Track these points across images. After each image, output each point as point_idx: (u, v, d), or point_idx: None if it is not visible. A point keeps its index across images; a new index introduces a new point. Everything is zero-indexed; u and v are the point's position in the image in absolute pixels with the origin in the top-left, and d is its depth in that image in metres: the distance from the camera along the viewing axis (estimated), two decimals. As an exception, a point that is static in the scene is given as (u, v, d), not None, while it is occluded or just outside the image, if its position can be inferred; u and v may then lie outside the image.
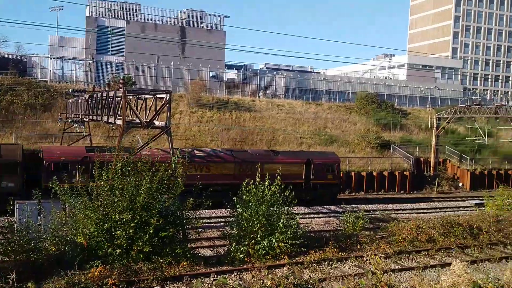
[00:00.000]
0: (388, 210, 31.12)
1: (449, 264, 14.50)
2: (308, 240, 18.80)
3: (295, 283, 4.54)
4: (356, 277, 13.21)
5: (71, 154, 26.51)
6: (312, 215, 28.67)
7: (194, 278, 14.42)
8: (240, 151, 32.02)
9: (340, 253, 17.74)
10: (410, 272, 16.27)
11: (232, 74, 63.81)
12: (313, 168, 31.99)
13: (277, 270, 15.42)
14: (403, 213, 30.66)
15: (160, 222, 14.72)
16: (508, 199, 26.85)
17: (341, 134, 49.34)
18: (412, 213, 31.02)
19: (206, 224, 23.60)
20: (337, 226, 23.87)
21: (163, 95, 20.09)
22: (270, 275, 4.77)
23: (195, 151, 29.12)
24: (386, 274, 15.91)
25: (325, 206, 31.20)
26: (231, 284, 10.22)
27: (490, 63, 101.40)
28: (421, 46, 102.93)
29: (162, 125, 19.69)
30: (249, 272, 14.71)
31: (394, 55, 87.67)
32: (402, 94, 67.70)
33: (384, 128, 52.52)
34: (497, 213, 25.04)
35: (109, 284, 12.62)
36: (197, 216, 17.19)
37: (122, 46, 56.35)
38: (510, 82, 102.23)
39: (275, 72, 63.64)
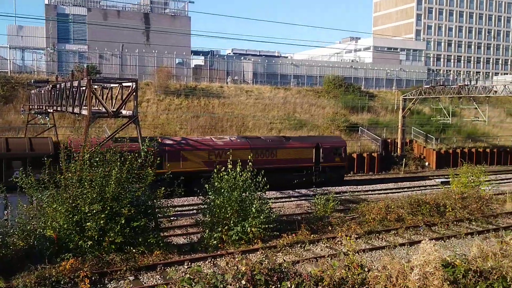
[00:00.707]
0: (358, 191, 31.62)
1: (418, 242, 14.96)
2: (281, 224, 19.00)
3: (269, 267, 4.59)
4: (328, 258, 13.41)
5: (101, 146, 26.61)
6: (284, 199, 28.89)
7: (168, 266, 14.38)
8: (254, 138, 32.97)
9: (312, 236, 18.03)
10: (381, 252, 16.69)
11: (199, 61, 63.14)
12: (322, 152, 33.03)
13: (251, 255, 15.58)
14: (372, 194, 31.24)
15: (132, 212, 14.58)
16: (472, 176, 27.73)
17: (310, 118, 49.71)
18: (381, 193, 31.66)
19: (179, 212, 23.49)
20: (308, 209, 24.14)
21: (129, 84, 19.68)
22: (244, 261, 4.79)
23: (214, 140, 30.52)
24: (358, 254, 16.29)
25: (296, 190, 31.47)
26: (205, 271, 10.21)
27: (453, 44, 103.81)
28: (386, 28, 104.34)
29: (130, 114, 19.34)
30: (223, 258, 14.81)
31: (359, 38, 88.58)
32: (368, 76, 68.60)
33: (352, 111, 53.17)
34: (462, 191, 25.87)
35: (81, 277, 12.44)
36: (169, 205, 17.12)
37: (84, 34, 54.73)
38: (472, 62, 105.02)
39: (242, 58, 63.34)
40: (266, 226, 16.90)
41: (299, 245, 17.10)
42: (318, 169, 32.97)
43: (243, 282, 4.18)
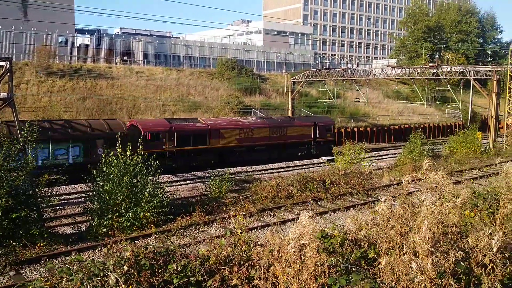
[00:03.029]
0: (252, 171, 32.44)
1: (306, 216, 15.83)
2: (176, 207, 18.85)
3: (155, 251, 4.53)
4: (219, 238, 13.63)
5: (160, 126, 31.33)
6: (179, 182, 28.63)
7: (54, 258, 13.56)
8: (269, 118, 39.32)
9: (207, 217, 18.15)
10: (273, 228, 17.36)
11: (84, 39, 59.40)
12: (318, 129, 39.62)
13: (144, 240, 15.26)
14: (265, 173, 32.24)
15: (10, 203, 13.44)
16: (354, 153, 29.89)
17: (204, 100, 49.58)
18: (273, 172, 32.81)
19: (66, 201, 22.16)
20: (203, 191, 24.24)
21: (3, 63, 17.92)
22: (128, 246, 4.68)
23: (242, 120, 36.22)
24: (250, 231, 16.79)
25: (192, 173, 31.39)
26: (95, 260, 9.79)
27: (337, 29, 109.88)
28: (276, 12, 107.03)
29: (4, 97, 17.66)
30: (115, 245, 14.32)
31: (251, 21, 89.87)
32: (260, 59, 70.05)
33: (245, 93, 54.06)
34: (345, 167, 27.81)
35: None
36: (53, 194, 16.07)
37: None
38: (354, 47, 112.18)
39: (132, 37, 60.87)
40: (160, 210, 16.64)
41: (193, 227, 17.13)
42: (315, 143, 39.31)
43: (125, 268, 4.08)
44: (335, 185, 23.89)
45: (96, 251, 14.31)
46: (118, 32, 64.32)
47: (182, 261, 4.52)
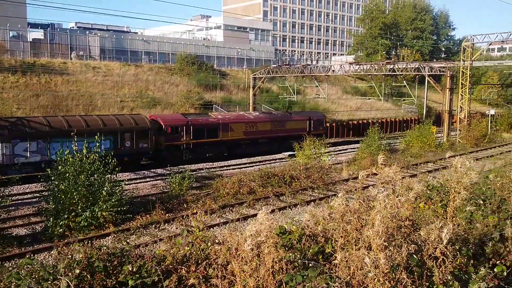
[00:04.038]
0: (213, 168, 32.28)
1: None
2: (135, 206, 18.53)
3: (109, 252, 4.42)
4: (176, 237, 13.52)
5: (178, 120, 33.89)
6: (138, 180, 28.14)
7: (7, 261, 13.05)
8: (270, 113, 43.23)
9: (167, 215, 17.94)
10: (235, 224, 17.34)
11: (38, 34, 57.24)
12: (312, 123, 43.27)
13: (102, 240, 14.92)
14: (227, 169, 32.16)
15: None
16: (314, 148, 30.26)
17: (164, 96, 48.88)
18: (235, 168, 32.78)
19: (20, 201, 21.34)
20: (164, 189, 23.91)
21: None
22: (81, 248, 4.53)
23: (247, 115, 39.90)
24: (212, 228, 16.71)
25: (152, 170, 30.91)
26: (49, 263, 9.49)
27: (296, 26, 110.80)
28: (235, 8, 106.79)
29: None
30: (71, 246, 13.92)
31: (210, 17, 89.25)
32: (220, 55, 69.69)
33: (205, 89, 53.67)
34: (306, 162, 28.11)
35: None
36: (5, 194, 15.45)
37: None
38: (313, 43, 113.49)
39: (88, 32, 59.19)
40: (118, 209, 16.31)
41: (153, 226, 16.89)
42: (310, 136, 41.37)
43: (77, 271, 3.95)
44: (296, 180, 24.11)
45: (52, 252, 13.87)
46: (73, 27, 62.44)
47: (138, 261, 4.42)
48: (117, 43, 60.02)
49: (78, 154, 16.09)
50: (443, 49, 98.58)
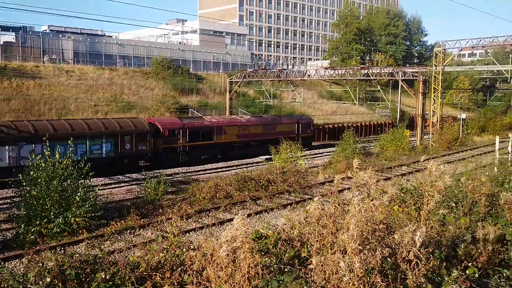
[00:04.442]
0: (190, 172, 32.04)
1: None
2: (109, 211, 18.23)
3: (82, 259, 4.32)
4: (151, 243, 13.35)
5: (175, 123, 34.66)
6: (113, 185, 27.68)
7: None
8: (261, 117, 43.96)
9: (142, 220, 17.70)
10: (211, 229, 17.21)
11: (9, 37, 55.96)
12: (300, 126, 44.77)
13: (75, 246, 14.62)
14: (203, 174, 31.95)
15: None
16: (291, 152, 30.37)
17: (139, 100, 48.38)
18: (212, 172, 32.59)
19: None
20: (139, 194, 23.60)
21: None
22: (52, 256, 4.43)
23: (239, 118, 41.23)
24: (188, 233, 16.56)
25: (127, 175, 30.49)
26: (20, 271, 9.25)
27: (272, 30, 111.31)
28: (211, 12, 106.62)
29: None
30: (43, 254, 13.59)
31: (186, 21, 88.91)
32: (196, 59, 69.44)
33: (181, 93, 53.35)
34: (283, 165, 28.19)
35: None
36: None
37: None
38: (289, 48, 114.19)
39: (61, 35, 58.15)
40: (92, 214, 16.02)
41: (128, 231, 16.64)
42: (298, 139, 41.90)
43: (48, 279, 3.84)
44: (273, 183, 24.14)
45: (23, 260, 13.50)
46: (46, 30, 61.20)
47: (111, 268, 4.34)
48: (91, 46, 59.17)
49: (50, 159, 15.75)
50: (416, 55, 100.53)
